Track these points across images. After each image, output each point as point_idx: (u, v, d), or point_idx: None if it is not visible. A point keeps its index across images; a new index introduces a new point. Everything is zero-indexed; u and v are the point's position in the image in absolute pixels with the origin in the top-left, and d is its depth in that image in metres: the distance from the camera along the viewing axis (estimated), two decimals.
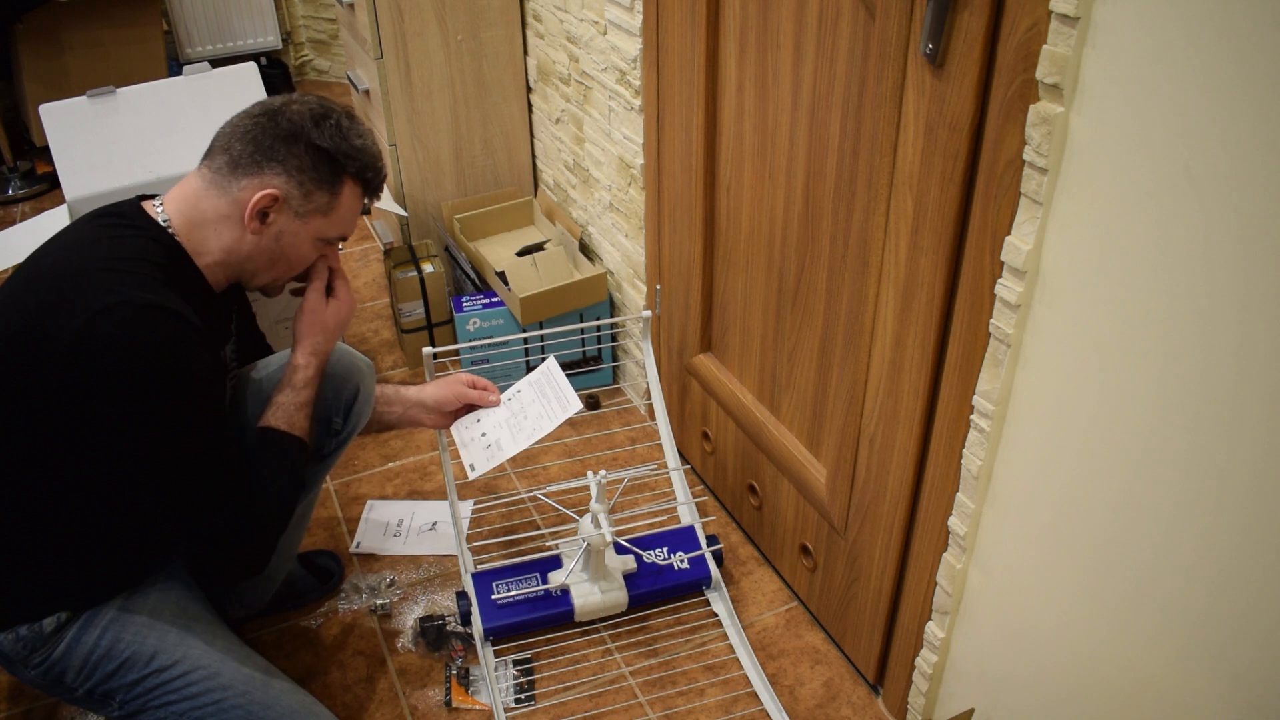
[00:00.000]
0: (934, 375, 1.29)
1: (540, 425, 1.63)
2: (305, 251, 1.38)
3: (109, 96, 2.03)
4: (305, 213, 1.33)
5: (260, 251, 1.34)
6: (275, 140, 1.29)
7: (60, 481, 1.27)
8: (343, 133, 1.33)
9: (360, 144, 1.35)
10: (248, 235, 1.32)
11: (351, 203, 1.37)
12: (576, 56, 2.15)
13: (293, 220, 1.33)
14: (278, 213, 1.31)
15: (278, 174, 1.30)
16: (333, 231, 1.38)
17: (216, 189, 1.31)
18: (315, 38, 3.78)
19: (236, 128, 1.31)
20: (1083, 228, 1.02)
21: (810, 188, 1.45)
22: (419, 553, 1.91)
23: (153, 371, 1.18)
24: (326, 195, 1.33)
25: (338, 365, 1.55)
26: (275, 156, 1.29)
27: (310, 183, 1.31)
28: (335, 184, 1.34)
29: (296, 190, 1.31)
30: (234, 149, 1.30)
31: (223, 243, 1.32)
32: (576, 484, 1.76)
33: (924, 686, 1.50)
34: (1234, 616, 0.97)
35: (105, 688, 1.34)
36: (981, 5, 1.04)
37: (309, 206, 1.33)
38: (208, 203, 1.31)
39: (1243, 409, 0.90)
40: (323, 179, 1.32)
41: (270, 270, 1.38)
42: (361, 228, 3.01)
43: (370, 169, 1.37)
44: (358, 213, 1.40)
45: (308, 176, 1.31)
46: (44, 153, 3.22)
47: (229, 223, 1.31)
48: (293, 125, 1.30)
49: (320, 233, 1.36)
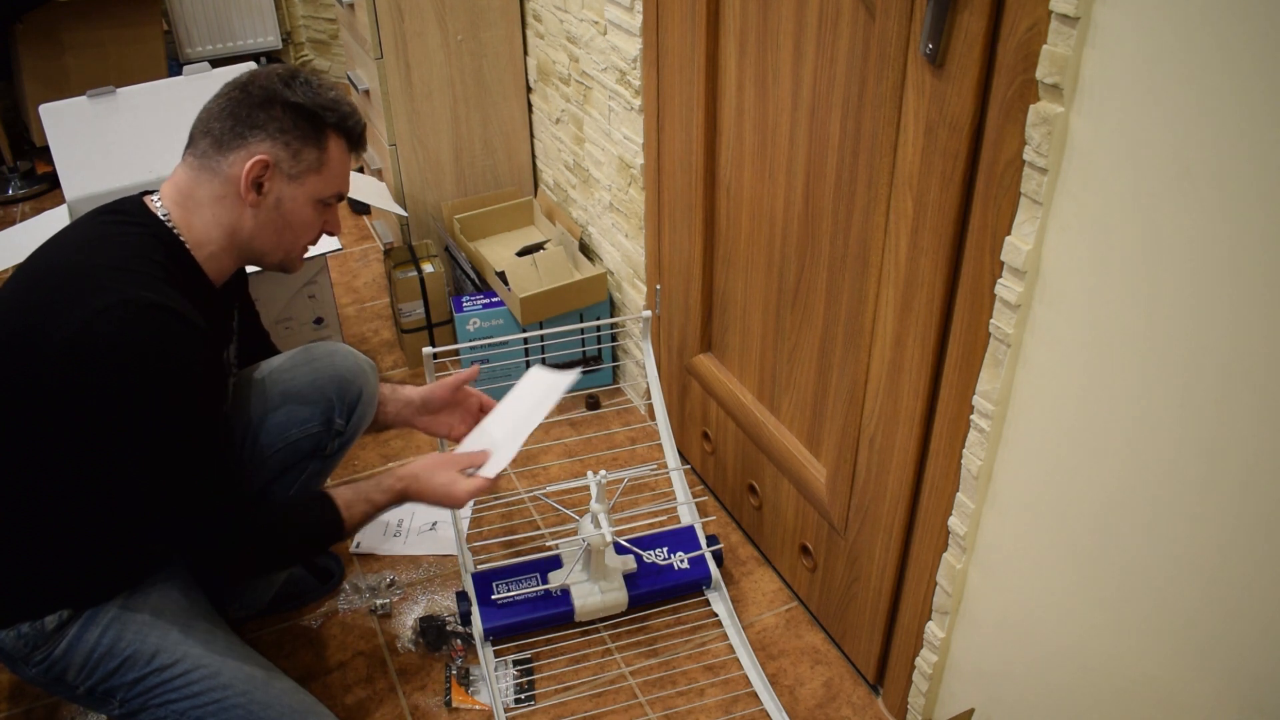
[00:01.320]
0: (934, 375, 1.30)
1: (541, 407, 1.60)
2: (308, 215, 1.37)
3: (109, 96, 2.04)
4: (298, 174, 1.33)
5: (263, 224, 1.34)
6: (252, 109, 1.30)
7: (62, 480, 1.27)
8: (314, 88, 1.33)
9: (334, 96, 1.36)
10: (247, 210, 1.32)
11: (340, 156, 1.37)
12: (576, 56, 2.15)
13: (288, 184, 1.33)
14: (271, 179, 1.31)
15: (262, 140, 1.30)
16: (329, 189, 1.37)
17: (207, 172, 1.31)
18: (315, 38, 3.78)
19: (211, 110, 1.32)
20: (1083, 228, 1.02)
21: (810, 188, 1.45)
22: (419, 553, 1.91)
23: (153, 370, 1.18)
24: (315, 151, 1.33)
25: (342, 365, 1.56)
26: (255, 123, 1.29)
27: (296, 141, 1.32)
28: (320, 138, 1.34)
29: (284, 151, 1.31)
30: (214, 129, 1.30)
31: (223, 225, 1.32)
32: (576, 484, 1.76)
33: (924, 686, 1.50)
34: (1232, 617, 0.97)
35: (106, 686, 1.34)
36: (981, 5, 1.05)
37: (300, 166, 1.33)
38: (201, 188, 1.31)
39: (1242, 408, 0.90)
40: (307, 135, 1.32)
41: (279, 242, 1.37)
42: (361, 228, 3.01)
43: (350, 119, 1.38)
44: (349, 168, 1.41)
45: (292, 136, 1.31)
46: (44, 153, 3.22)
47: (225, 202, 1.31)
48: (265, 91, 1.30)
49: (317, 193, 1.36)
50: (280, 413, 1.51)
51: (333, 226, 1.43)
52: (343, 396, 1.54)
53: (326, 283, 2.23)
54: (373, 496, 1.42)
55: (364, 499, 1.41)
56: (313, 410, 1.53)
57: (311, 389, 1.53)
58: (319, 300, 2.22)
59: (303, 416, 1.52)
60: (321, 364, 1.55)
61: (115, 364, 1.17)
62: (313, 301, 2.21)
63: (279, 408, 1.51)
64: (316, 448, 1.55)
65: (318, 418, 1.53)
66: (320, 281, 2.21)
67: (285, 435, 1.51)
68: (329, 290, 2.24)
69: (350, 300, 2.67)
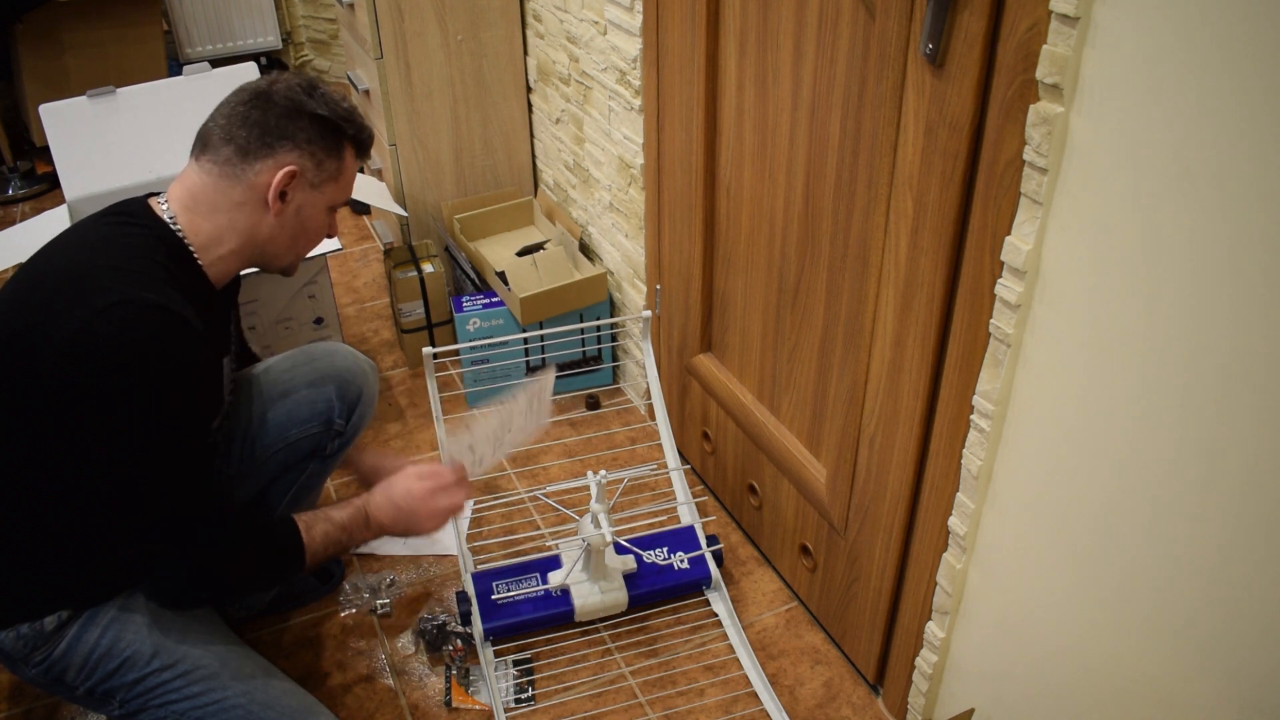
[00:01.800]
0: (934, 375, 1.29)
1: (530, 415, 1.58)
2: (321, 221, 1.40)
3: (109, 96, 2.03)
4: (319, 183, 1.36)
5: (281, 230, 1.35)
6: (279, 119, 1.31)
7: (61, 480, 1.27)
8: (331, 100, 1.36)
9: (348, 107, 1.39)
10: (268, 217, 1.33)
11: (352, 165, 1.41)
12: (576, 56, 2.15)
13: (310, 192, 1.35)
14: (295, 188, 1.34)
15: (290, 150, 1.31)
16: (341, 197, 1.41)
17: (228, 179, 1.31)
18: (315, 38, 3.78)
19: (233, 117, 1.32)
20: (1083, 228, 1.02)
21: (810, 188, 1.45)
22: (419, 553, 1.91)
23: (152, 370, 1.18)
24: (335, 161, 1.36)
25: (342, 365, 1.56)
26: (285, 134, 1.31)
27: (321, 152, 1.34)
28: (339, 149, 1.37)
29: (310, 162, 1.33)
30: (238, 136, 1.30)
31: (240, 230, 1.33)
32: (576, 484, 1.76)
33: (924, 686, 1.50)
34: (1232, 616, 0.97)
35: (106, 687, 1.34)
36: (981, 5, 1.05)
37: (322, 176, 1.35)
38: (220, 195, 1.31)
39: (1242, 408, 0.90)
40: (329, 147, 1.35)
41: (292, 247, 1.39)
42: (361, 228, 3.01)
43: (363, 130, 1.41)
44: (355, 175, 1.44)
45: (317, 147, 1.34)
46: (44, 153, 3.22)
47: (244, 209, 1.32)
48: (290, 101, 1.32)
49: (332, 200, 1.39)
50: (280, 413, 1.51)
51: (335, 230, 1.46)
52: (343, 397, 1.54)
53: (326, 283, 2.23)
54: (332, 514, 1.37)
55: (324, 518, 1.36)
56: (312, 411, 1.53)
57: (311, 389, 1.53)
58: (319, 300, 2.22)
59: (302, 417, 1.52)
60: (321, 364, 1.56)
61: (115, 364, 1.17)
62: (313, 301, 2.22)
63: (279, 408, 1.51)
64: (316, 448, 1.55)
65: (318, 418, 1.53)
66: (320, 281, 2.21)
67: (285, 435, 1.52)
68: (329, 290, 2.24)
69: (350, 300, 2.67)
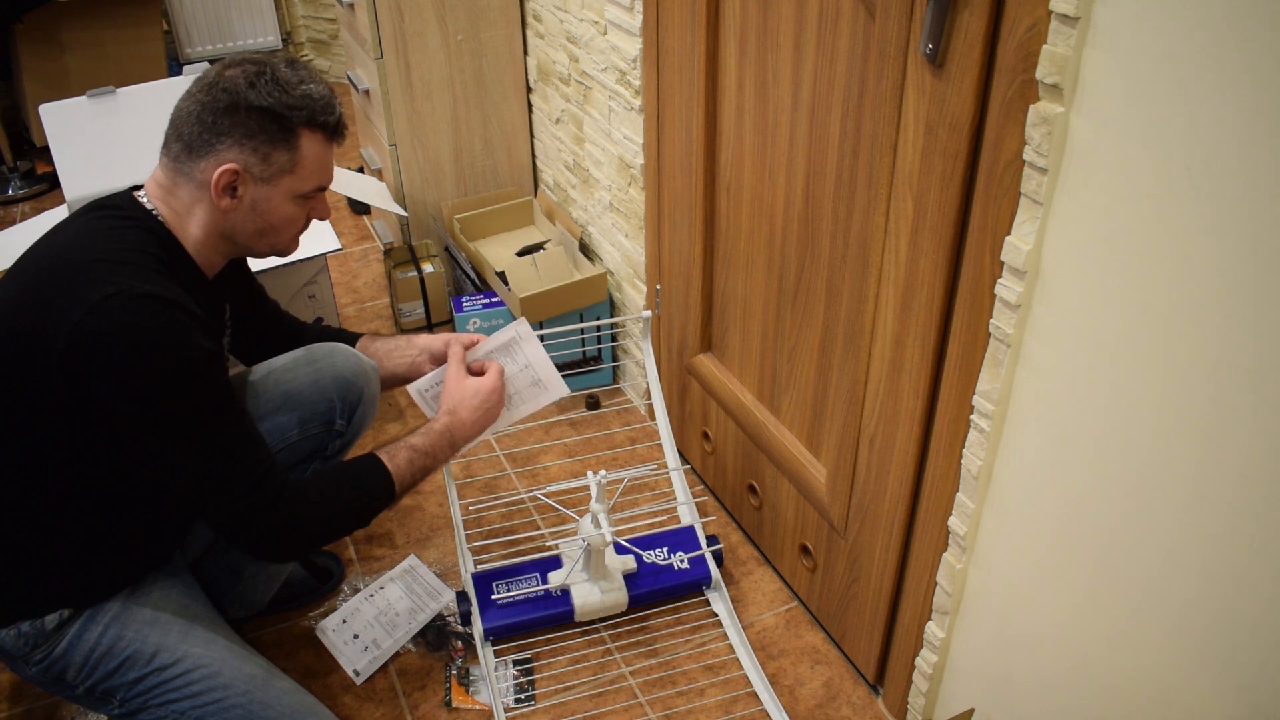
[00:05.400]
0: (934, 375, 1.30)
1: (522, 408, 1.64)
2: (288, 211, 1.36)
3: (109, 96, 2.04)
4: (269, 176, 1.31)
5: (242, 224, 1.34)
6: (217, 115, 1.27)
7: (63, 478, 1.27)
8: (281, 86, 1.29)
9: (303, 90, 1.31)
10: (222, 213, 1.32)
11: (316, 151, 1.34)
12: (576, 56, 2.15)
13: (261, 187, 1.31)
14: (243, 184, 1.30)
15: (229, 147, 1.28)
16: (306, 185, 1.35)
17: (182, 175, 1.31)
18: (315, 38, 3.78)
19: (182, 110, 1.30)
20: (1082, 228, 1.02)
21: (810, 188, 1.45)
22: (419, 553, 1.91)
23: (155, 360, 1.18)
24: (286, 153, 1.31)
25: (343, 366, 1.56)
26: (221, 130, 1.27)
27: (265, 145, 1.29)
28: (290, 138, 1.31)
29: (253, 157, 1.29)
30: (185, 133, 1.29)
31: (204, 224, 1.32)
32: (576, 484, 1.76)
33: (924, 686, 1.50)
34: (1231, 615, 0.97)
35: (106, 685, 1.34)
36: (981, 5, 1.05)
37: (271, 169, 1.31)
38: (180, 189, 1.31)
39: (1242, 408, 0.90)
40: (275, 138, 1.30)
41: (262, 239, 1.37)
42: (361, 228, 3.01)
43: (322, 112, 1.33)
44: (328, 159, 1.38)
45: (259, 140, 1.29)
46: (44, 153, 3.22)
47: (202, 204, 1.31)
48: (229, 95, 1.27)
49: (294, 190, 1.34)
50: (281, 413, 1.51)
51: (319, 213, 1.41)
52: (344, 397, 1.54)
53: (326, 283, 2.23)
54: (412, 441, 1.44)
55: (405, 445, 1.43)
56: (314, 411, 1.53)
57: (313, 390, 1.53)
58: (319, 300, 2.22)
59: (303, 417, 1.52)
60: (323, 365, 1.55)
61: (119, 355, 1.17)
62: (313, 301, 2.22)
63: (280, 408, 1.51)
64: (317, 449, 1.55)
65: (319, 419, 1.53)
66: (320, 281, 2.21)
67: (286, 436, 1.51)
68: (329, 290, 2.24)
69: (350, 300, 2.67)
